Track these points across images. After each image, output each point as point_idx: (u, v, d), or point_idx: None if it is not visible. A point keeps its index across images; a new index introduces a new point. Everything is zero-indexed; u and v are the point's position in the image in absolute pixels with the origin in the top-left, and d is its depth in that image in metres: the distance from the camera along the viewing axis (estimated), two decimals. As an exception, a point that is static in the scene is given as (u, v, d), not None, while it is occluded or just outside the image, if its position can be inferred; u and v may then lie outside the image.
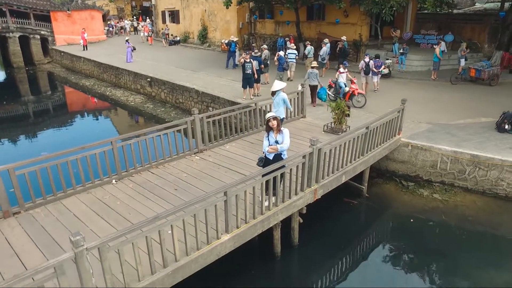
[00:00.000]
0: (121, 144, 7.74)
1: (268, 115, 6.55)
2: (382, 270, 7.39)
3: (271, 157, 6.53)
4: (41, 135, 16.76)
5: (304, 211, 7.41)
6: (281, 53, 15.43)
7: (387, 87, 16.34)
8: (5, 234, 5.91)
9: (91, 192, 7.26)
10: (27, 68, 30.86)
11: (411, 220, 8.67)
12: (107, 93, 21.97)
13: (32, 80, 28.07)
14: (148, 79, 19.63)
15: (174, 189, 7.40)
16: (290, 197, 6.89)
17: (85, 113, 20.32)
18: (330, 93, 13.95)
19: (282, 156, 6.56)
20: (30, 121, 19.38)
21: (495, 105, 12.94)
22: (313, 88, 13.43)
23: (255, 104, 10.49)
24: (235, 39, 21.57)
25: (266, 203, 6.48)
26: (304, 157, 6.87)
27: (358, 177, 9.18)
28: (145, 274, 4.82)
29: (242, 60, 13.96)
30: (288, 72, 16.93)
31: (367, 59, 14.95)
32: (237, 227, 5.95)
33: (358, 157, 8.57)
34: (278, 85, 9.27)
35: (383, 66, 15.79)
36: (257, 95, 14.82)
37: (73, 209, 6.66)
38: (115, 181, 7.72)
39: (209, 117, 9.33)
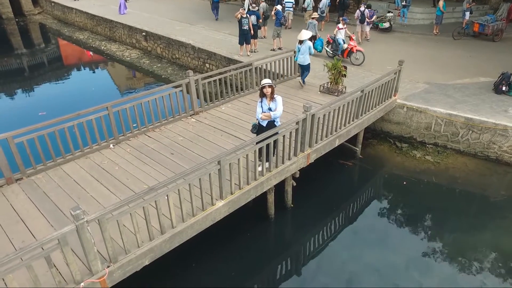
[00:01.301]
0: (117, 109, 7.77)
1: (264, 81, 6.52)
2: (372, 229, 7.75)
3: (264, 124, 6.62)
4: (38, 90, 16.62)
5: (298, 175, 7.63)
6: (279, 7, 14.98)
7: (387, 42, 16.02)
8: (10, 201, 6.16)
9: (90, 157, 7.43)
10: (17, 20, 29.76)
11: (404, 183, 8.93)
12: (102, 47, 21.42)
13: (24, 33, 27.18)
14: (143, 33, 19.09)
15: (171, 153, 7.56)
16: (283, 162, 7.06)
17: (82, 68, 19.94)
18: (328, 49, 13.74)
19: (275, 123, 6.64)
20: (25, 76, 19.11)
21: (496, 63, 12.78)
22: (310, 39, 13.51)
23: (251, 64, 10.34)
24: None
25: (259, 169, 6.66)
26: (297, 123, 6.94)
27: (352, 139, 9.30)
28: (144, 240, 5.11)
29: (239, 15, 13.53)
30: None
31: (362, 8, 15.30)
32: (231, 193, 6.17)
33: (353, 120, 8.64)
34: (305, 34, 10.27)
35: (374, 16, 16.01)
36: (254, 51, 14.58)
37: (73, 174, 6.87)
38: (113, 146, 7.86)
39: (204, 78, 9.28)
